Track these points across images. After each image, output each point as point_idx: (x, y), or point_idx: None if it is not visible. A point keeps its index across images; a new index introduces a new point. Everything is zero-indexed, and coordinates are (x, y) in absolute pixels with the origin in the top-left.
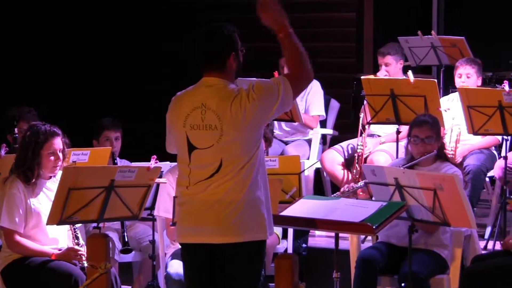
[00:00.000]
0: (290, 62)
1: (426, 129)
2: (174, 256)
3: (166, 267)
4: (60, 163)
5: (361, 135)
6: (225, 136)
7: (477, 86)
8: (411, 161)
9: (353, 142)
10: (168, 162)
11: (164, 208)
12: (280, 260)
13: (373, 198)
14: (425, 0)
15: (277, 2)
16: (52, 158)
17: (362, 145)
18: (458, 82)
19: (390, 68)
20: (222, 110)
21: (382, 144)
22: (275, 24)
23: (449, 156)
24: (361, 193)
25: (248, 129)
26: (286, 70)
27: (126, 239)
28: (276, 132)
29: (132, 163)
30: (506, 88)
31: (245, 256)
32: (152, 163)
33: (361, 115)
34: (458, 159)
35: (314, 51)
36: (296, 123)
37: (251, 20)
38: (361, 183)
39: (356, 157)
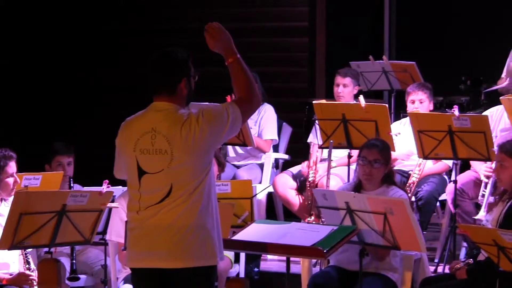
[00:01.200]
0: (238, 87)
1: (375, 152)
2: (126, 280)
3: None
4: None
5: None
6: (175, 161)
7: (430, 111)
8: (358, 185)
9: (301, 167)
10: (120, 187)
11: (116, 233)
12: (231, 284)
13: (324, 222)
14: (376, 26)
15: (223, 29)
16: (10, 181)
17: (314, 173)
18: (411, 108)
19: (347, 90)
20: (172, 134)
21: (334, 169)
22: (223, 50)
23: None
24: (312, 218)
25: (198, 154)
26: None
27: (75, 267)
28: (229, 156)
29: (84, 187)
30: (456, 112)
31: (195, 281)
32: (104, 187)
33: (310, 141)
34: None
35: (267, 76)
36: (248, 147)
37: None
38: None
39: (308, 184)
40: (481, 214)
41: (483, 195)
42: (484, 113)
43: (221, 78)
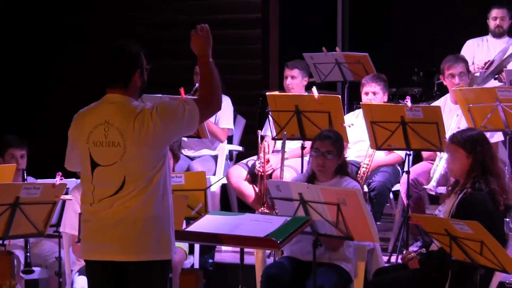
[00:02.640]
0: (203, 87)
1: (328, 144)
2: (80, 272)
3: (72, 283)
4: None
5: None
6: (128, 153)
7: (384, 102)
8: (311, 176)
9: (255, 158)
10: (73, 179)
11: (70, 225)
12: (185, 276)
13: (278, 213)
14: (329, 17)
15: (209, 34)
16: None
17: (261, 163)
18: (365, 99)
19: (296, 82)
20: (125, 127)
21: (287, 160)
22: (199, 51)
23: (362, 172)
24: (265, 208)
25: (151, 147)
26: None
27: (29, 260)
28: (183, 148)
29: (38, 180)
30: (409, 103)
31: (149, 275)
32: (58, 180)
33: (260, 132)
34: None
35: (221, 68)
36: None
37: (157, 39)
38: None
39: (259, 175)
40: (431, 184)
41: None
42: (434, 103)
43: (173, 71)
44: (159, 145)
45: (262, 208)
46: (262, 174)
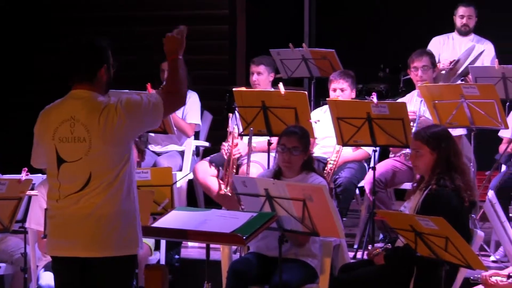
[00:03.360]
0: (168, 85)
1: (294, 140)
2: (46, 268)
3: (37, 279)
4: None
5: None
6: (94, 149)
7: (351, 99)
8: (278, 172)
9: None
10: (39, 175)
11: (35, 221)
12: (150, 271)
13: (244, 209)
14: (296, 13)
15: (184, 39)
16: None
17: (230, 146)
18: (333, 96)
19: (261, 78)
20: (90, 122)
21: (254, 156)
22: (171, 51)
23: (329, 168)
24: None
25: (116, 142)
26: (166, 74)
27: None
28: (149, 143)
29: (3, 175)
30: (375, 100)
31: (116, 270)
32: (23, 175)
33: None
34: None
35: (188, 64)
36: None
37: (126, 34)
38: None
39: (227, 161)
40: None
41: None
42: (401, 99)
43: (140, 66)
44: (125, 139)
45: (225, 190)
46: (229, 157)
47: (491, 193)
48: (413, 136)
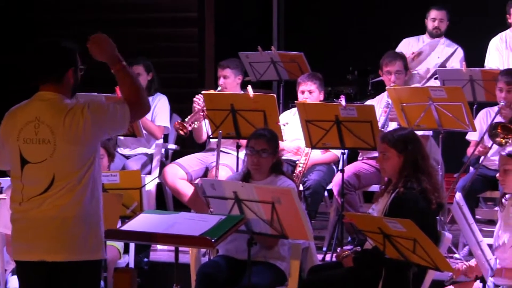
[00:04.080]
0: (127, 93)
1: (263, 142)
2: (13, 272)
3: (6, 283)
4: None
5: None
6: (58, 151)
7: (320, 101)
8: (247, 175)
9: (197, 156)
10: (8, 178)
11: (4, 224)
12: (119, 274)
13: (213, 212)
14: (265, 16)
15: (107, 38)
16: None
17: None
18: (301, 98)
19: (228, 81)
20: (56, 123)
21: (223, 159)
22: (108, 59)
23: (299, 171)
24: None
25: (81, 144)
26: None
27: None
28: (118, 146)
29: None
30: (343, 102)
31: (82, 275)
32: None
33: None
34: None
35: (157, 66)
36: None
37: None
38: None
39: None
40: None
41: None
42: (369, 102)
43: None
44: (89, 142)
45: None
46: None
47: (458, 195)
48: (380, 139)
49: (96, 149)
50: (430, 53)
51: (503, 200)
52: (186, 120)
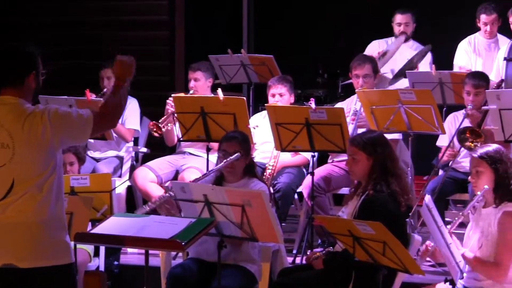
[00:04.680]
0: (104, 106)
1: (235, 144)
2: None
3: None
4: None
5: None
6: (17, 156)
7: (290, 104)
8: (220, 177)
9: (167, 158)
10: None
11: None
12: (89, 277)
13: (183, 215)
14: (235, 19)
15: (134, 65)
16: None
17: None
18: (272, 101)
19: (199, 84)
20: (15, 128)
21: (194, 162)
22: (120, 75)
23: (268, 173)
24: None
25: (39, 149)
26: (106, 81)
27: None
28: (88, 149)
29: None
30: (313, 105)
31: (53, 281)
32: None
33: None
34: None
35: None
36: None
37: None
38: (168, 194)
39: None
40: None
41: None
42: (339, 105)
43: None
44: (48, 148)
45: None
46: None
47: (428, 198)
48: (349, 142)
49: (58, 155)
50: (395, 52)
51: (476, 203)
52: (160, 121)
